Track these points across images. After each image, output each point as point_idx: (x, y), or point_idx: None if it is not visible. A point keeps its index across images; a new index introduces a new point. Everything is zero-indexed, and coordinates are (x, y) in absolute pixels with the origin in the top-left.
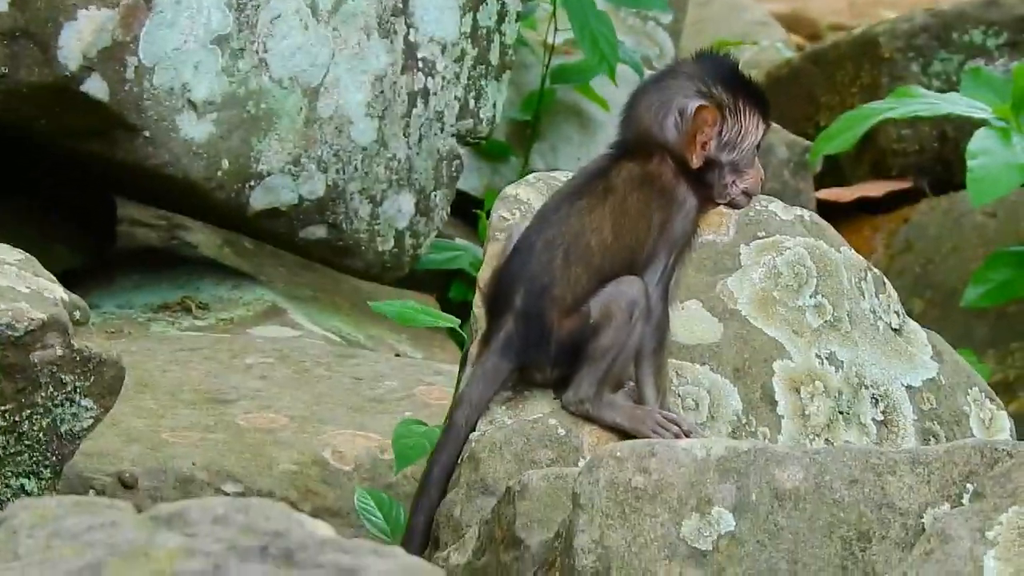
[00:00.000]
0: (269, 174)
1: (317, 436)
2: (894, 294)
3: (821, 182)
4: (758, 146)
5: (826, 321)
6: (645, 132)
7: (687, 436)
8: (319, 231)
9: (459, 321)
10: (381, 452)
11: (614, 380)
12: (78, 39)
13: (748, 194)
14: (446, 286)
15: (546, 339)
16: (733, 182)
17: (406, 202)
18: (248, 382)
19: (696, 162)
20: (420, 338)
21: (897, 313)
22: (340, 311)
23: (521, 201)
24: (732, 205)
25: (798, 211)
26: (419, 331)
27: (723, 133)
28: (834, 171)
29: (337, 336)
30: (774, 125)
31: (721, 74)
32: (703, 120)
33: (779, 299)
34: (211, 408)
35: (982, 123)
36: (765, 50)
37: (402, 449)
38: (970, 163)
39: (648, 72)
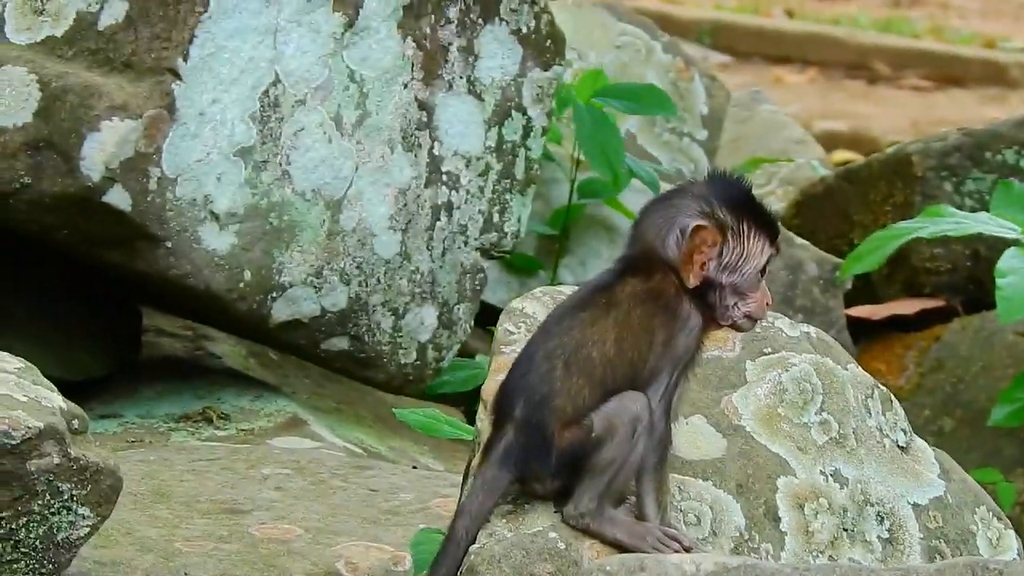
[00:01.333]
0: (291, 286)
1: (331, 548)
2: (901, 412)
3: (853, 300)
4: (763, 270)
5: (831, 438)
6: (649, 249)
7: (688, 552)
8: (341, 343)
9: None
10: (394, 564)
11: (615, 495)
12: (101, 150)
13: (751, 318)
14: (472, 399)
15: (546, 450)
16: (735, 304)
17: (429, 315)
18: (264, 493)
19: (693, 281)
20: (442, 450)
21: (904, 431)
22: (363, 423)
23: (527, 315)
24: (735, 327)
25: (804, 328)
26: (441, 443)
27: (724, 255)
28: (866, 289)
29: (358, 448)
30: (804, 242)
31: (728, 196)
32: (701, 240)
33: (784, 415)
34: (226, 518)
35: (1014, 242)
36: (800, 168)
37: (420, 555)
38: (999, 281)
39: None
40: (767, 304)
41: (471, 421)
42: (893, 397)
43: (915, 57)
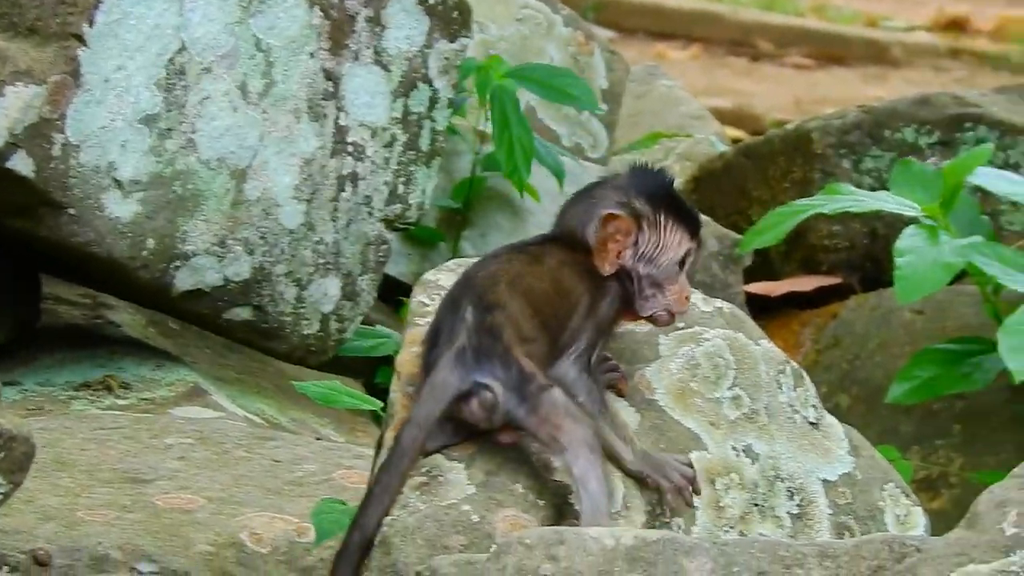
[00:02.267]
0: (194, 255)
1: (234, 518)
2: (812, 388)
3: (751, 276)
4: (682, 263)
5: (743, 413)
6: (571, 236)
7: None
8: (244, 313)
9: (382, 404)
10: (298, 535)
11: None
12: (5, 115)
13: (669, 312)
14: (372, 371)
15: (507, 358)
16: (654, 296)
17: (332, 286)
18: (167, 462)
19: (608, 269)
20: (343, 422)
21: (814, 407)
22: (264, 393)
23: (441, 287)
24: (652, 320)
25: (718, 303)
26: (342, 415)
27: (640, 244)
28: (764, 265)
29: (259, 418)
30: (706, 218)
31: (647, 187)
32: (615, 228)
33: (697, 390)
34: (128, 487)
35: (912, 221)
36: (699, 143)
37: (322, 523)
38: (898, 261)
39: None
40: (686, 298)
41: (373, 393)
42: (804, 373)
43: (798, 35)
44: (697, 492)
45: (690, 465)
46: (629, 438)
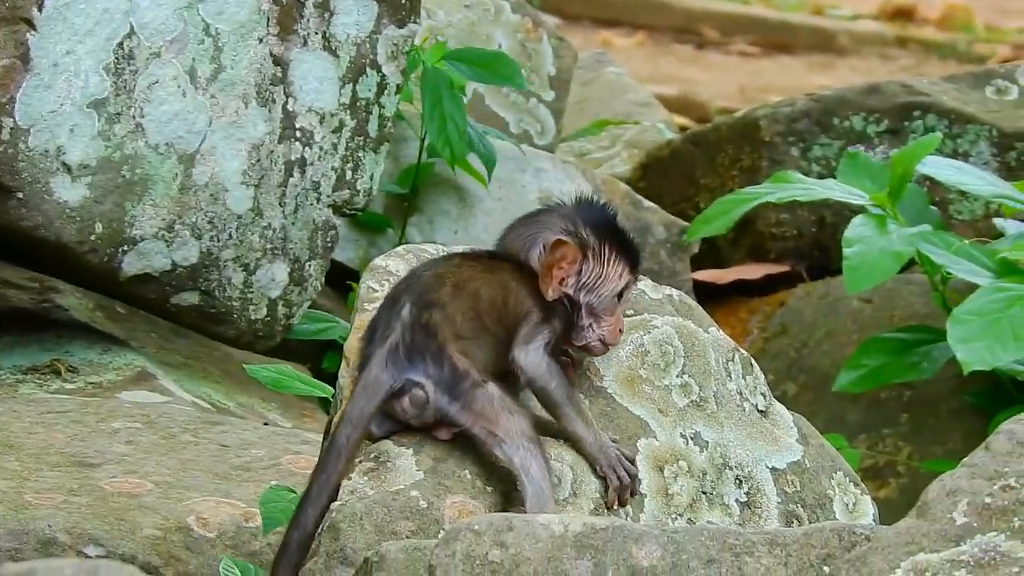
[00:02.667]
0: (142, 239)
1: (181, 502)
2: (761, 376)
3: (698, 264)
4: (620, 295)
5: (692, 401)
6: (514, 258)
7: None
8: (191, 297)
9: (332, 390)
10: (245, 520)
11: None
12: None
13: (604, 342)
14: (319, 357)
15: (439, 355)
16: (590, 325)
17: (280, 271)
18: (114, 446)
19: (551, 295)
20: (290, 407)
21: (763, 395)
22: (211, 378)
23: (391, 272)
24: (587, 350)
25: (667, 290)
26: (289, 400)
27: (583, 273)
28: (712, 253)
29: (207, 403)
30: (653, 205)
31: (593, 218)
32: (562, 255)
33: (646, 377)
34: (76, 471)
35: (860, 209)
36: (646, 131)
37: (269, 512)
38: (846, 250)
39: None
40: (620, 331)
41: (320, 378)
42: (753, 361)
43: (743, 23)
44: (634, 494)
45: (634, 463)
46: (591, 423)
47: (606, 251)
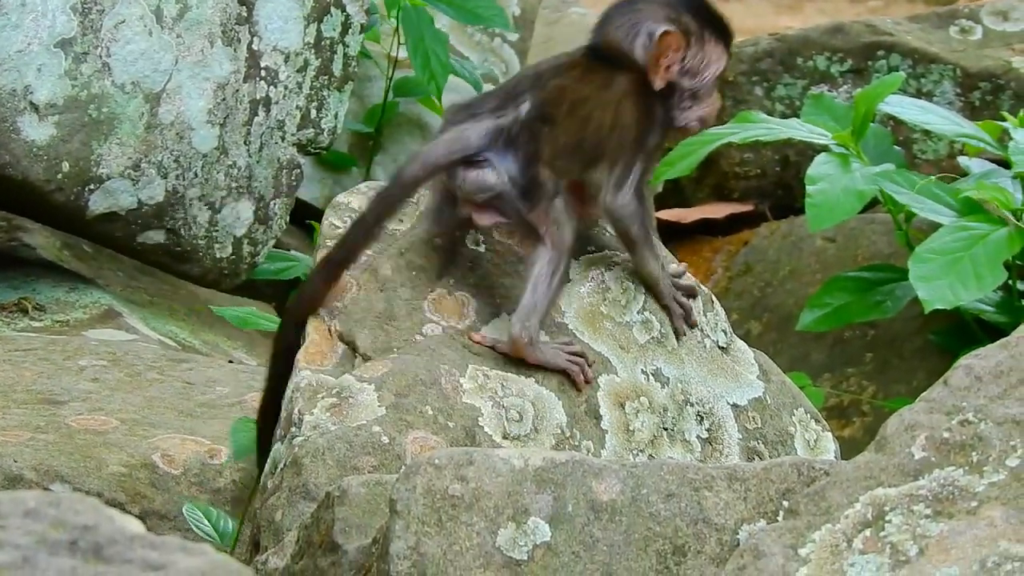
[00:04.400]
0: (109, 178)
1: (147, 439)
2: (722, 313)
3: (663, 203)
4: (718, 77)
5: (653, 337)
6: (616, 48)
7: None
8: (157, 236)
9: None
10: (210, 456)
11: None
12: None
13: (703, 121)
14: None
15: (529, 164)
16: (690, 107)
17: (245, 210)
18: (80, 384)
19: (659, 84)
20: (255, 344)
21: (724, 332)
22: (176, 316)
23: (353, 210)
24: (685, 131)
25: None
26: (254, 338)
27: (687, 60)
28: (676, 192)
29: (172, 341)
30: None
31: (690, 4)
32: (667, 45)
33: (606, 314)
34: (42, 408)
35: (823, 149)
36: None
37: (239, 442)
38: (809, 188)
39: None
40: (718, 108)
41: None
42: (715, 298)
43: None
44: (693, 325)
45: (693, 296)
46: (662, 264)
47: (707, 35)
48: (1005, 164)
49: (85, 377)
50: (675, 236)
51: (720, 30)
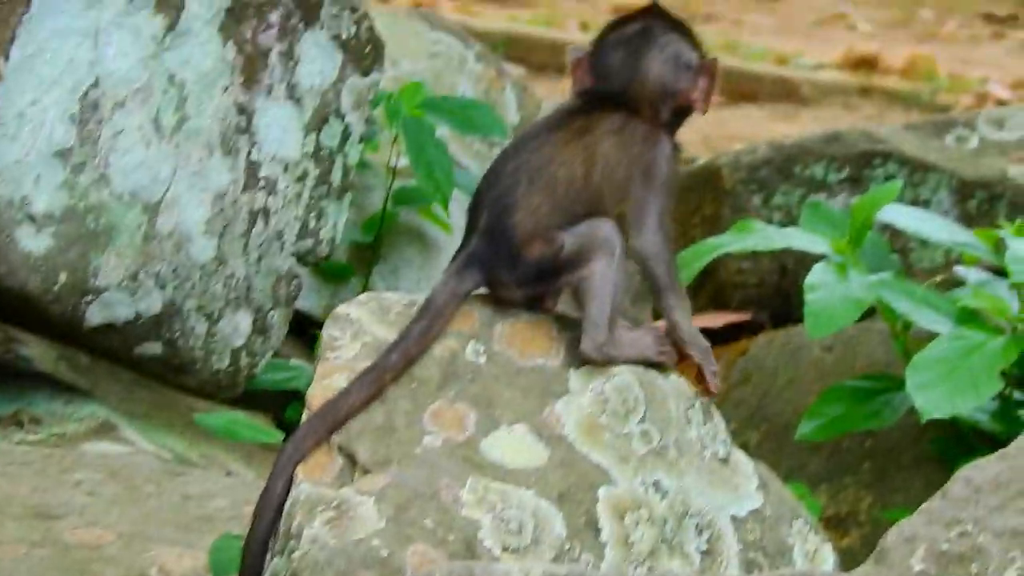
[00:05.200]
0: (106, 289)
1: (143, 553)
2: (721, 423)
3: (660, 313)
4: None
5: (652, 449)
6: (654, 84)
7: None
8: (155, 348)
9: (283, 436)
10: (207, 570)
11: (617, 317)
12: None
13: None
14: (283, 406)
15: (512, 261)
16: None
17: (243, 320)
18: (77, 498)
19: (704, 110)
20: (254, 457)
21: (724, 443)
22: (174, 428)
23: (353, 321)
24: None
25: None
26: (252, 450)
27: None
28: None
29: (170, 453)
30: None
31: (683, 23)
32: (713, 71)
33: (606, 425)
34: (38, 523)
35: (821, 258)
36: None
37: (219, 561)
38: (807, 296)
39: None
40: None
41: (284, 427)
42: (714, 408)
43: None
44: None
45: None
46: (687, 312)
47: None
48: (1002, 273)
49: (81, 491)
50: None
51: (692, 33)
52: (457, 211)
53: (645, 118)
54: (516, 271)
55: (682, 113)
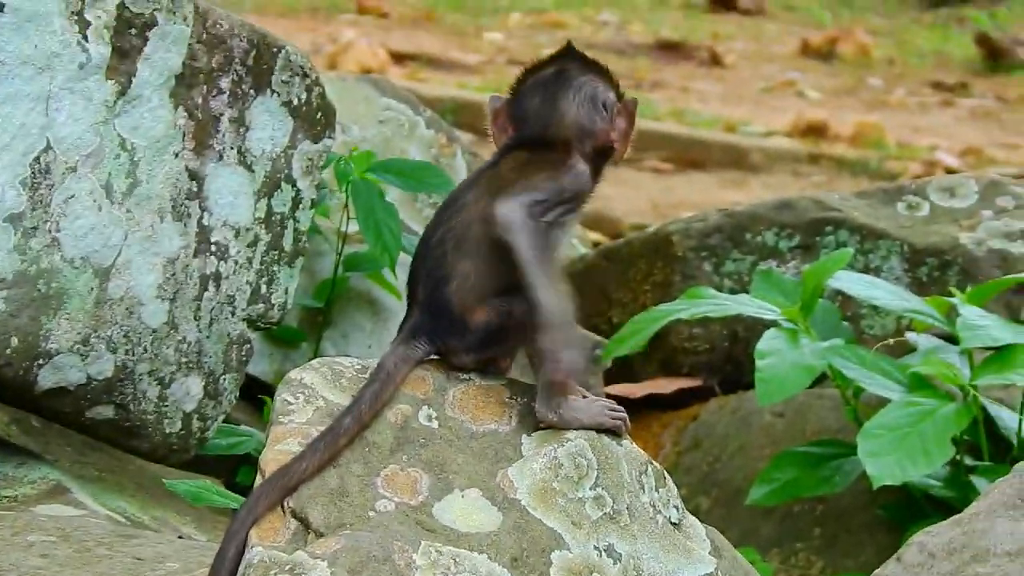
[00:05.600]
0: (58, 353)
1: None
2: (674, 488)
3: (611, 378)
4: None
5: (606, 513)
6: (571, 125)
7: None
8: (106, 411)
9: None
10: None
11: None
12: None
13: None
14: (234, 471)
15: (458, 328)
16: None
17: (195, 385)
18: (29, 560)
19: (623, 151)
20: (205, 521)
21: (676, 508)
22: (126, 491)
23: (305, 386)
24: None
25: None
26: (204, 513)
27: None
28: (624, 367)
29: (122, 516)
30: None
31: (599, 66)
32: (630, 112)
33: (559, 490)
34: None
35: (772, 324)
36: None
37: None
38: (758, 363)
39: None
40: None
41: (235, 490)
42: (666, 474)
43: (656, 139)
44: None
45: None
46: (558, 299)
47: (617, 86)
48: (953, 340)
49: (33, 553)
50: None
51: (609, 74)
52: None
53: (562, 151)
54: (464, 338)
55: (602, 155)
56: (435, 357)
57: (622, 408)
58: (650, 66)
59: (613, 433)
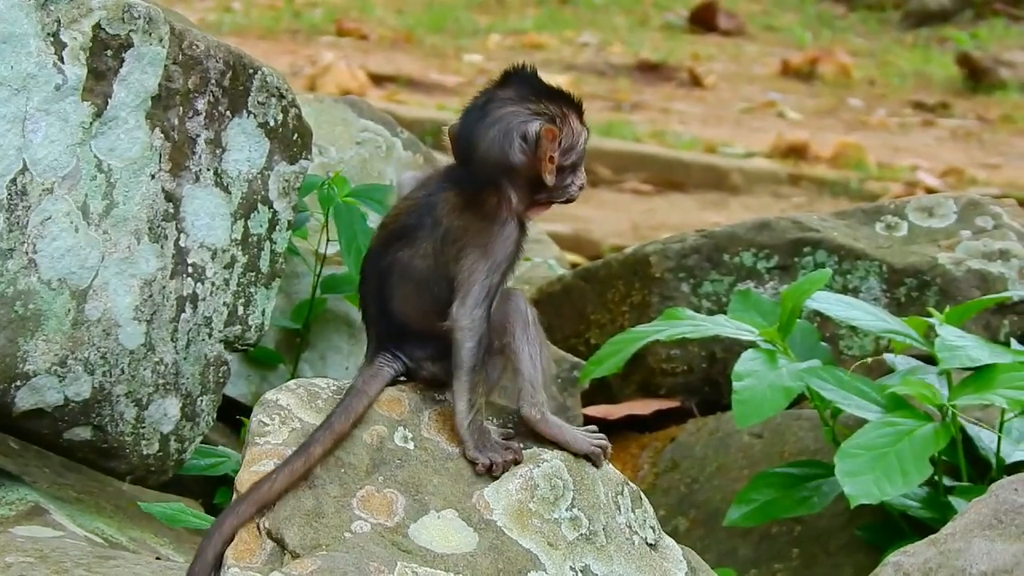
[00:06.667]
0: (35, 375)
1: None
2: (650, 509)
3: (590, 399)
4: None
5: (582, 534)
6: (492, 161)
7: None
8: (84, 433)
9: None
10: None
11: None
12: None
13: (581, 188)
14: (212, 492)
15: (418, 339)
16: (571, 180)
17: (172, 406)
18: None
19: (551, 179)
20: (182, 541)
21: (653, 528)
22: (103, 513)
23: (282, 407)
24: (568, 201)
25: None
26: (181, 534)
27: (562, 143)
28: (603, 388)
29: (99, 538)
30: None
31: (537, 88)
32: (548, 139)
33: (535, 511)
34: None
35: (750, 345)
36: (537, 266)
37: None
38: (736, 384)
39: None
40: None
41: (213, 511)
42: (643, 495)
43: (636, 161)
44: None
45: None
46: (478, 407)
47: (564, 111)
48: (931, 360)
49: (12, 574)
50: (602, 432)
51: (570, 101)
52: None
53: (491, 195)
54: (426, 348)
55: (538, 184)
56: (403, 379)
57: (604, 436)
58: (630, 87)
59: (590, 460)
